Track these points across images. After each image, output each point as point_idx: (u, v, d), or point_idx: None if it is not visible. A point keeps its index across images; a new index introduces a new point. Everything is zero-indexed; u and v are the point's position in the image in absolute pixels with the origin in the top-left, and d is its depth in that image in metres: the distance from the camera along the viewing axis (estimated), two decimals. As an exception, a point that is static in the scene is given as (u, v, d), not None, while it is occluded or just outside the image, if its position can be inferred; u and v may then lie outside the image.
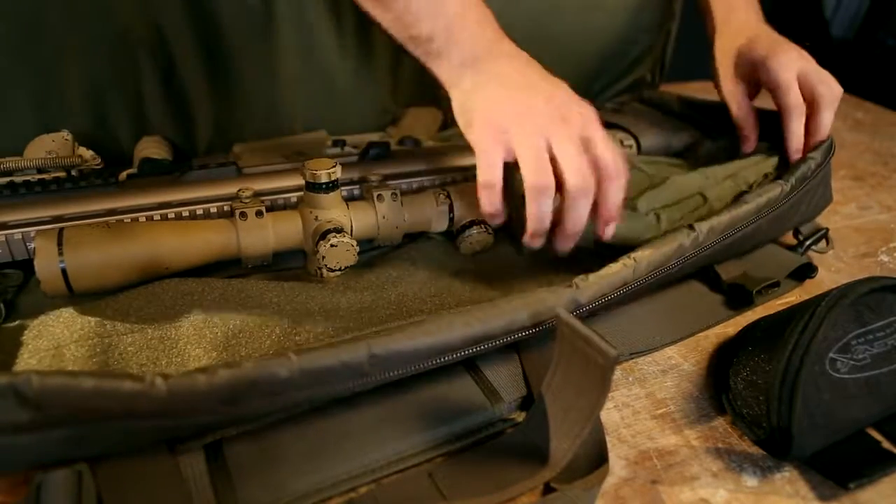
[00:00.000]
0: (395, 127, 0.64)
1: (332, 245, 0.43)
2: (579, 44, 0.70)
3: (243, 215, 0.44)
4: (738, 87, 0.56)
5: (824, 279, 0.51)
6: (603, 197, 0.42)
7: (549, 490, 0.32)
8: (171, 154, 0.53)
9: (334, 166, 0.44)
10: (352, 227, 0.46)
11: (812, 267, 0.50)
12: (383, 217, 0.47)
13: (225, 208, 0.47)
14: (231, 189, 0.47)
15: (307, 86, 0.58)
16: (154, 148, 0.52)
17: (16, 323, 0.39)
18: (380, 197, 0.47)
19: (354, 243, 0.44)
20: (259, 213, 0.44)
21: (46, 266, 0.39)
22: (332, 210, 0.45)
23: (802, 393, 0.33)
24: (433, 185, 0.53)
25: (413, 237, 0.51)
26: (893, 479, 0.34)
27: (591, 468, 0.32)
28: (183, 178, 0.48)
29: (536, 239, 0.43)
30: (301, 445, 0.32)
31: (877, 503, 0.33)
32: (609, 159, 0.41)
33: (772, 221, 0.47)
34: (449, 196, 0.49)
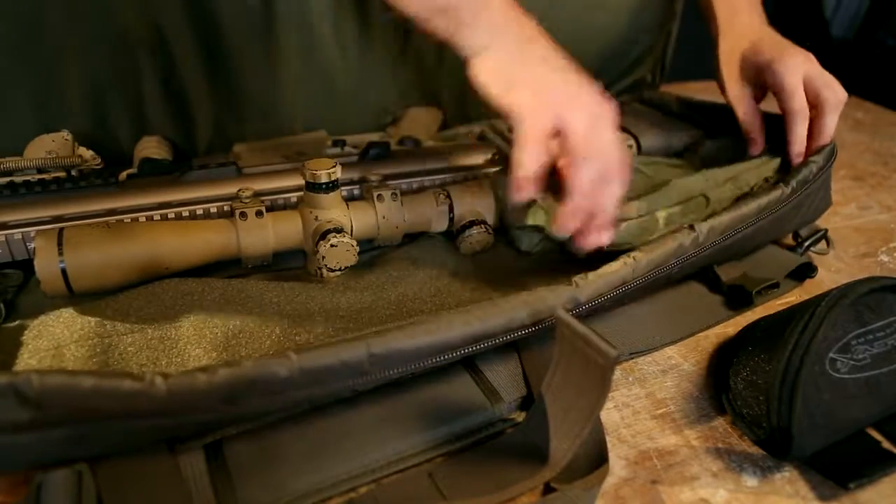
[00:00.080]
0: (395, 127, 0.64)
1: (332, 245, 0.43)
2: (580, 44, 0.70)
3: (243, 215, 0.44)
4: (744, 91, 0.56)
5: (824, 279, 0.51)
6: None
7: (549, 490, 0.32)
8: (171, 154, 0.53)
9: (334, 166, 0.44)
10: (352, 227, 0.46)
11: (812, 267, 0.50)
12: (383, 217, 0.47)
13: (225, 208, 0.47)
14: (231, 189, 0.47)
15: (307, 86, 0.58)
16: (154, 148, 0.52)
17: (16, 323, 0.39)
18: (380, 197, 0.47)
19: (354, 243, 0.44)
20: (259, 213, 0.44)
21: (46, 266, 0.39)
22: (332, 210, 0.45)
23: (802, 393, 0.33)
24: (433, 185, 0.53)
25: (413, 237, 0.51)
26: (893, 479, 0.34)
27: (591, 468, 0.32)
28: (183, 178, 0.48)
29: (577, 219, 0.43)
30: (301, 445, 0.32)
31: (877, 503, 0.33)
32: (613, 152, 0.41)
33: (772, 223, 0.47)
34: (449, 196, 0.49)
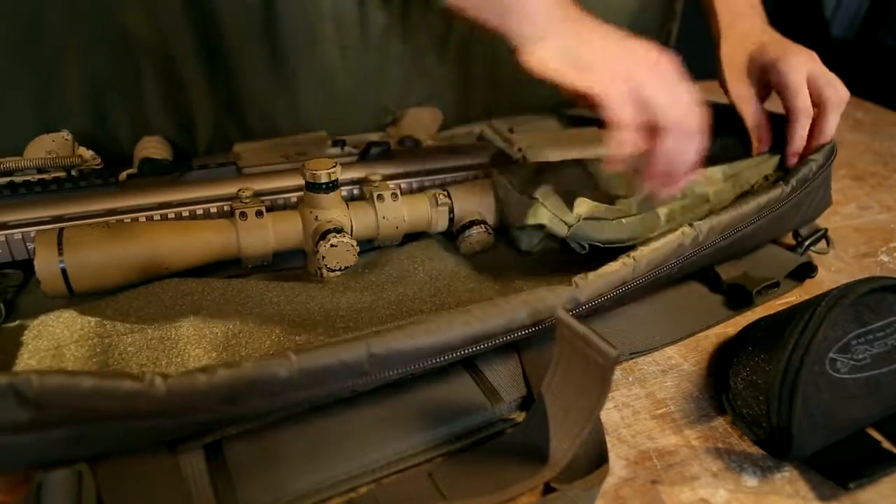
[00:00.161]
0: (395, 127, 0.64)
1: (332, 245, 0.43)
2: None
3: (243, 215, 0.44)
4: (748, 91, 0.56)
5: (824, 279, 0.51)
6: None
7: (549, 490, 0.32)
8: (171, 154, 0.53)
9: (334, 166, 0.44)
10: (352, 227, 0.46)
11: (812, 267, 0.50)
12: (383, 217, 0.47)
13: (225, 208, 0.47)
14: (231, 189, 0.47)
15: (307, 86, 0.58)
16: (154, 148, 0.52)
17: (16, 323, 0.39)
18: (380, 197, 0.47)
19: (354, 243, 0.44)
20: (259, 213, 0.44)
21: (46, 266, 0.39)
22: (332, 210, 0.45)
23: (802, 393, 0.33)
24: (433, 185, 0.53)
25: (413, 237, 0.51)
26: (893, 479, 0.34)
27: (591, 468, 0.32)
28: (183, 178, 0.48)
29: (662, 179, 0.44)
30: (301, 445, 0.32)
31: (877, 503, 0.33)
32: (692, 111, 0.43)
33: (772, 222, 0.47)
34: (449, 196, 0.49)
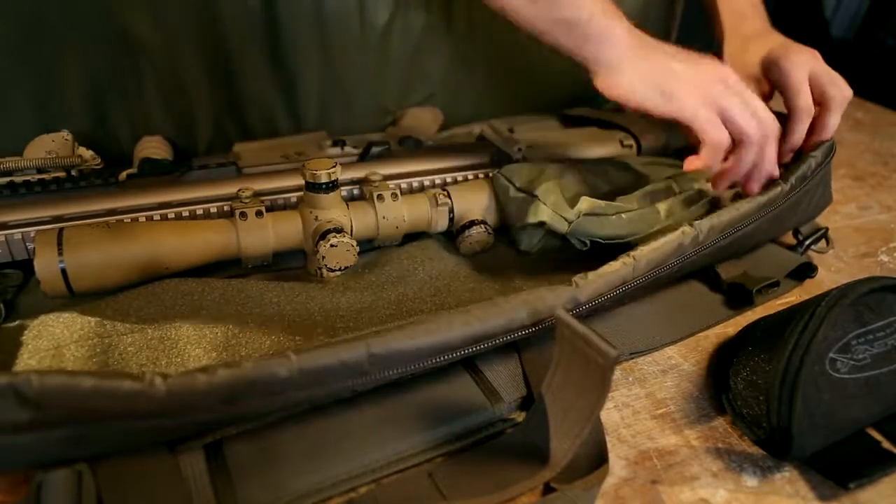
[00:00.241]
0: (395, 127, 0.64)
1: (332, 245, 0.43)
2: None
3: (243, 215, 0.44)
4: (751, 90, 0.56)
5: (824, 279, 0.51)
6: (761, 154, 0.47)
7: (549, 490, 0.32)
8: (171, 154, 0.53)
9: (334, 166, 0.44)
10: (352, 227, 0.46)
11: (812, 267, 0.50)
12: (383, 217, 0.47)
13: (225, 208, 0.47)
14: (231, 189, 0.47)
15: (307, 86, 0.58)
16: (154, 148, 0.52)
17: (16, 323, 0.39)
18: (380, 197, 0.47)
19: (354, 243, 0.44)
20: (259, 213, 0.44)
21: (46, 266, 0.39)
22: (332, 210, 0.45)
23: (802, 393, 0.33)
24: (433, 185, 0.53)
25: (413, 237, 0.51)
26: (893, 479, 0.34)
27: (591, 468, 0.32)
28: (183, 178, 0.48)
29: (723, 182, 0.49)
30: (301, 445, 0.32)
31: (877, 503, 0.33)
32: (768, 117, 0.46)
33: (772, 221, 0.47)
34: (449, 196, 0.49)
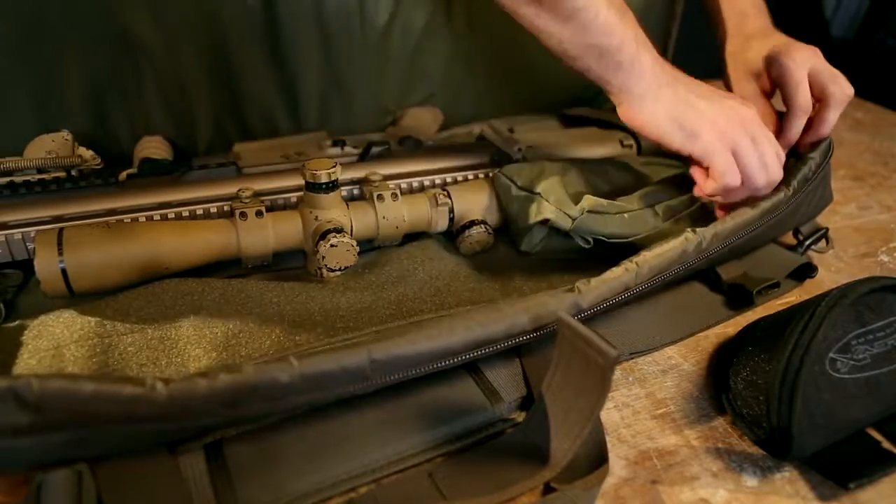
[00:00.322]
0: (395, 127, 0.64)
1: (332, 245, 0.43)
2: None
3: (243, 215, 0.44)
4: (753, 88, 0.56)
5: (824, 279, 0.51)
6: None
7: (549, 490, 0.32)
8: (171, 154, 0.53)
9: (334, 166, 0.44)
10: (352, 227, 0.46)
11: (812, 267, 0.50)
12: (383, 217, 0.47)
13: (225, 208, 0.47)
14: (231, 189, 0.47)
15: (307, 86, 0.58)
16: (154, 148, 0.52)
17: (16, 323, 0.39)
18: (380, 197, 0.47)
19: (354, 243, 0.44)
20: (259, 213, 0.44)
21: (46, 266, 0.39)
22: (332, 210, 0.45)
23: (802, 393, 0.33)
24: (433, 185, 0.53)
25: (413, 237, 0.51)
26: (893, 479, 0.34)
27: (591, 468, 0.32)
28: (183, 178, 0.48)
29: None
30: (301, 446, 0.32)
31: (877, 503, 0.33)
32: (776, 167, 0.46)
33: (774, 224, 0.47)
34: (449, 196, 0.49)
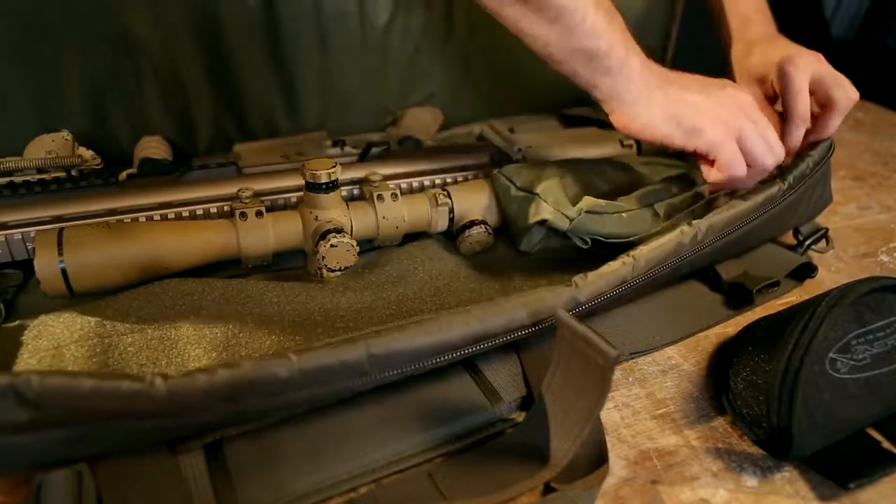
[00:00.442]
0: (395, 127, 0.64)
1: (332, 245, 0.43)
2: None
3: (243, 215, 0.44)
4: (757, 93, 0.55)
5: (824, 279, 0.51)
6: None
7: (549, 490, 0.32)
8: (171, 154, 0.53)
9: (334, 166, 0.44)
10: (352, 227, 0.46)
11: (812, 267, 0.50)
12: (383, 217, 0.47)
13: (225, 208, 0.47)
14: (231, 189, 0.47)
15: (307, 86, 0.59)
16: (154, 148, 0.52)
17: (16, 323, 0.39)
18: (380, 197, 0.47)
19: (354, 243, 0.44)
20: (259, 213, 0.44)
21: (46, 266, 0.39)
22: (332, 210, 0.45)
23: (802, 393, 0.33)
24: (433, 185, 0.53)
25: (413, 237, 0.51)
26: (893, 479, 0.34)
27: (591, 468, 0.32)
28: (183, 178, 0.48)
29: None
30: (301, 445, 0.32)
31: (877, 503, 0.33)
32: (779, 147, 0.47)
33: (771, 219, 0.47)
34: (449, 196, 0.49)
